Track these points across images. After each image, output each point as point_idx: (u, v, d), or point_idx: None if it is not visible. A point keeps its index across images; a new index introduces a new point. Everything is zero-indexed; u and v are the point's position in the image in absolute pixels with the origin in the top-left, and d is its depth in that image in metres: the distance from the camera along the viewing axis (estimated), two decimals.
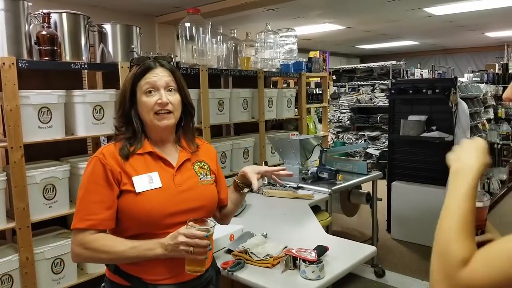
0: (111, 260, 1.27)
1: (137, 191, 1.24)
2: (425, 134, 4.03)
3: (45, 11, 2.28)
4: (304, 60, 4.13)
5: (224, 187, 1.53)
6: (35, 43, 2.28)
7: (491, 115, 5.57)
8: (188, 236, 1.16)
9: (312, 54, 4.48)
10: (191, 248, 1.16)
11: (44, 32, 2.25)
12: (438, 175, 3.95)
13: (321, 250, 1.72)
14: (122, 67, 2.49)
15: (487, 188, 5.14)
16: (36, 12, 2.29)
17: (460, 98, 3.95)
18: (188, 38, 3.00)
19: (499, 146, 5.38)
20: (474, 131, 4.53)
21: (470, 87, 4.77)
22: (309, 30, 7.21)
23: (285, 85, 6.71)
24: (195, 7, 3.10)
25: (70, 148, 2.63)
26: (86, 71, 2.75)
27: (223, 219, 1.57)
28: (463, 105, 3.92)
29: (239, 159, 3.38)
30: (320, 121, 4.80)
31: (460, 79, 5.26)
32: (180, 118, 1.37)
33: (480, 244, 0.92)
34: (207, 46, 3.05)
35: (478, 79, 7.20)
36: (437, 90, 3.97)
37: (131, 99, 1.31)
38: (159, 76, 1.30)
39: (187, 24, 2.98)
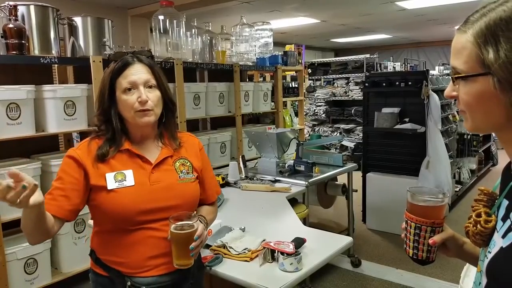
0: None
1: (109, 187, 1.24)
2: (398, 126, 4.12)
3: (11, 3, 2.20)
4: (280, 53, 4.14)
5: (209, 182, 1.48)
6: (2, 37, 2.20)
7: None
8: None
9: (287, 47, 4.49)
10: None
11: (11, 25, 2.17)
12: (411, 166, 4.05)
13: (299, 242, 1.74)
14: (93, 61, 2.43)
15: (457, 178, 5.31)
16: (2, 5, 2.21)
17: (431, 90, 4.05)
18: (161, 31, 2.95)
19: (468, 136, 5.55)
20: (445, 122, 4.66)
21: (441, 80, 4.90)
22: (284, 24, 7.22)
23: (261, 79, 6.71)
24: (168, 0, 3.05)
25: (41, 145, 2.56)
26: (56, 65, 2.68)
27: None
28: (434, 97, 4.02)
29: (216, 153, 3.37)
30: (296, 114, 4.84)
31: (431, 72, 5.38)
32: (161, 114, 1.35)
33: (441, 245, 0.93)
34: (182, 40, 3.01)
35: (449, 71, 7.40)
36: (410, 83, 4.05)
37: (110, 97, 1.28)
38: (138, 73, 1.27)
39: (161, 17, 2.94)
